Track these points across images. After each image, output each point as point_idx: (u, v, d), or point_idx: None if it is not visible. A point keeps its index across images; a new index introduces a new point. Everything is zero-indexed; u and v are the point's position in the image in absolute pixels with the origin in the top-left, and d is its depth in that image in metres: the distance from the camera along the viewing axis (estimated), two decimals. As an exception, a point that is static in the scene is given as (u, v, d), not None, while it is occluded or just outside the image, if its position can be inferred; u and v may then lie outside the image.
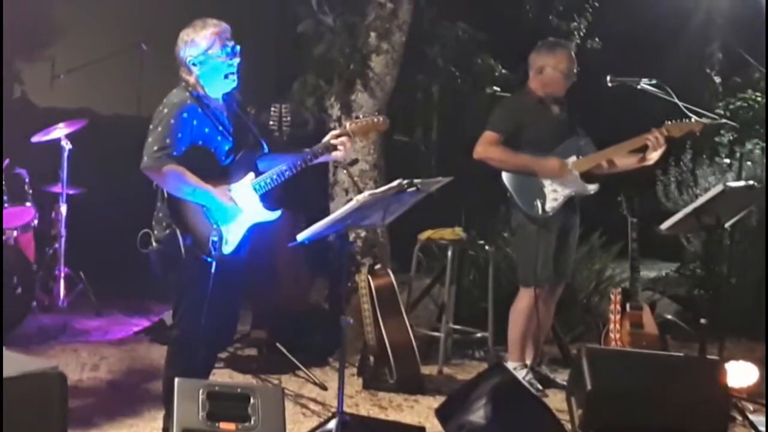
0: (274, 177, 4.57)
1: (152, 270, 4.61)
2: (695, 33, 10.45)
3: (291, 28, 7.48)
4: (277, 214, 4.64)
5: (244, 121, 4.70)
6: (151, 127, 4.40)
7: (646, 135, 5.73)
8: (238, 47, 4.51)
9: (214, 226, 4.41)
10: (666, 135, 5.70)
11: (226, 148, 4.52)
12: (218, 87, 4.53)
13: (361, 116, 4.97)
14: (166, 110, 4.40)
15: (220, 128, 4.50)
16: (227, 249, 4.46)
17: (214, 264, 4.33)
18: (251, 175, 4.57)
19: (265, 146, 4.66)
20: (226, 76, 4.49)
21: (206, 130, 4.44)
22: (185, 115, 4.37)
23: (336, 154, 4.74)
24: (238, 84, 4.57)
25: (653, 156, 5.78)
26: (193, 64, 4.45)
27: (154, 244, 4.50)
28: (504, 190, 5.94)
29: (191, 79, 4.48)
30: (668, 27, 10.28)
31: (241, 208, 4.50)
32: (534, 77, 6.01)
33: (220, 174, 4.49)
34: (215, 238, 4.36)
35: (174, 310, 4.76)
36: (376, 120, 4.96)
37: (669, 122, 5.72)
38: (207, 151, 4.46)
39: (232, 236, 4.49)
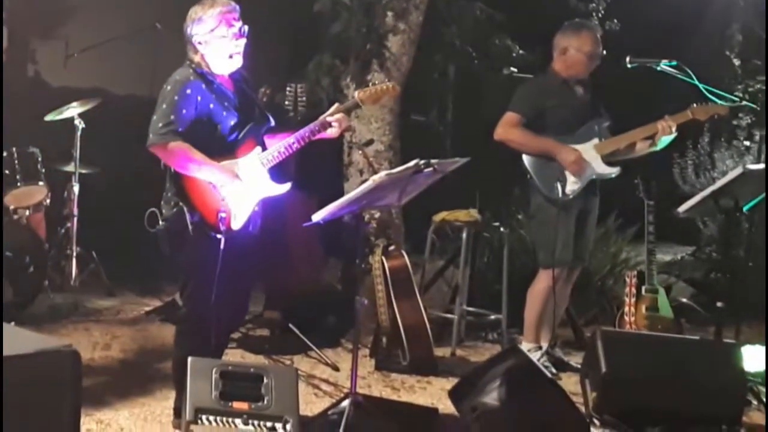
0: (282, 150, 4.56)
1: (161, 249, 4.62)
2: (715, 14, 10.35)
3: (308, 7, 7.43)
4: (286, 187, 4.62)
5: (251, 97, 4.71)
6: (156, 105, 4.42)
7: (658, 122, 5.70)
8: (245, 28, 4.51)
9: (222, 201, 4.39)
10: (692, 117, 5.68)
11: (232, 123, 4.50)
12: (223, 66, 4.52)
13: (370, 84, 4.93)
14: (169, 87, 4.42)
15: (225, 104, 4.50)
16: (236, 224, 4.44)
17: (222, 240, 4.31)
18: (258, 149, 4.56)
19: (271, 120, 4.67)
20: (230, 56, 4.50)
21: (211, 105, 4.44)
22: (189, 91, 4.38)
23: (330, 131, 4.72)
24: (245, 64, 4.57)
25: (660, 142, 5.76)
26: (199, 43, 4.46)
27: (161, 223, 4.50)
28: (519, 172, 5.92)
29: (196, 57, 4.49)
30: (688, 8, 10.17)
31: (247, 182, 4.47)
32: (558, 58, 5.98)
33: (226, 149, 4.48)
34: (223, 215, 4.35)
35: (182, 289, 4.75)
36: (385, 87, 4.91)
37: (695, 105, 5.69)
38: (212, 126, 4.46)
39: (240, 211, 4.46)
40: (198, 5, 4.50)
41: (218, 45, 4.45)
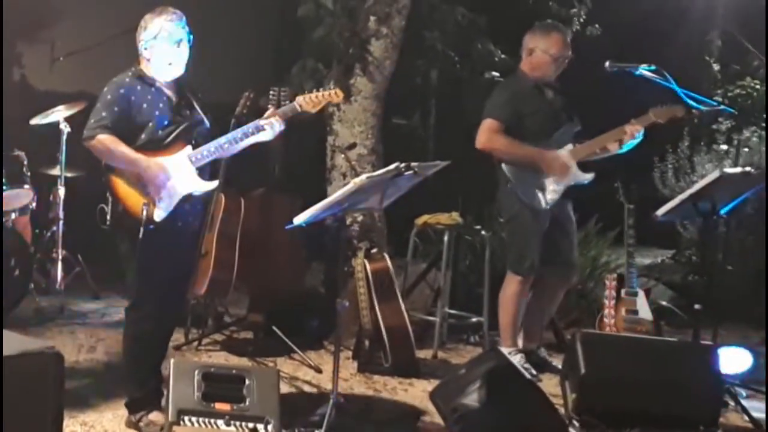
0: (212, 149, 4.73)
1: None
2: (695, 20, 10.42)
3: (291, 12, 7.47)
4: (213, 185, 4.80)
5: (190, 101, 4.84)
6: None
7: (626, 126, 5.76)
8: (189, 37, 4.72)
9: (146, 195, 4.57)
10: (654, 120, 5.75)
11: (164, 123, 4.68)
12: (163, 71, 4.72)
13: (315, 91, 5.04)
14: (106, 89, 4.67)
15: (161, 105, 4.69)
16: (158, 216, 4.59)
17: (142, 231, 4.51)
18: (188, 148, 4.70)
19: (206, 122, 4.81)
20: (170, 63, 4.69)
21: (144, 105, 4.65)
22: (122, 91, 4.62)
23: (263, 135, 4.85)
24: (187, 71, 4.76)
25: (626, 145, 5.81)
26: (145, 48, 4.69)
27: (107, 218, 4.66)
28: (499, 176, 5.92)
29: (140, 63, 4.73)
30: (668, 14, 10.25)
31: (174, 177, 4.62)
32: (525, 59, 6.00)
33: (156, 146, 4.65)
34: (145, 207, 4.54)
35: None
36: (328, 93, 5.03)
37: (657, 107, 5.75)
38: (143, 124, 4.64)
39: (164, 204, 4.60)
40: (149, 14, 4.73)
41: (159, 51, 4.66)
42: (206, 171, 4.75)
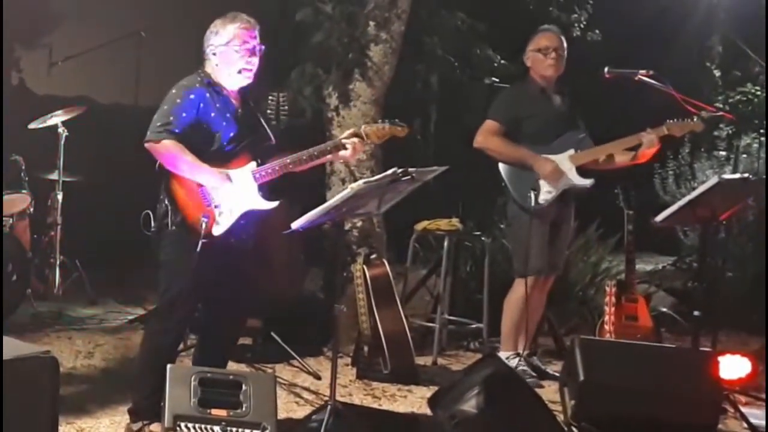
0: (276, 168, 4.62)
1: (154, 249, 4.67)
2: (696, 26, 10.43)
3: (290, 17, 7.46)
4: (272, 204, 4.65)
5: (256, 113, 4.79)
6: (159, 107, 4.54)
7: (641, 134, 5.76)
8: (261, 47, 4.64)
9: (207, 206, 4.47)
10: (666, 134, 5.75)
11: (231, 134, 4.57)
12: (232, 80, 4.63)
13: (379, 122, 4.98)
14: (174, 90, 4.54)
15: (227, 115, 4.58)
16: (217, 231, 4.49)
17: (200, 243, 4.36)
18: (253, 164, 4.61)
19: (272, 138, 4.74)
20: (240, 71, 4.60)
21: (212, 114, 4.53)
22: (192, 96, 4.50)
23: (343, 154, 4.79)
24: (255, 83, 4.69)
25: (647, 154, 5.81)
26: (213, 54, 4.60)
27: (153, 225, 4.56)
28: (500, 180, 5.95)
29: (208, 67, 4.64)
30: (669, 20, 10.26)
31: (236, 192, 4.52)
32: (527, 64, 6.08)
33: (221, 158, 4.54)
34: (205, 219, 4.42)
35: (159, 288, 4.76)
36: (394, 127, 4.94)
37: (670, 121, 5.75)
38: (210, 134, 4.54)
39: (224, 219, 4.51)
40: (219, 18, 4.64)
41: (229, 59, 4.57)
42: (265, 188, 4.64)
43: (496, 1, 9.36)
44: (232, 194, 4.52)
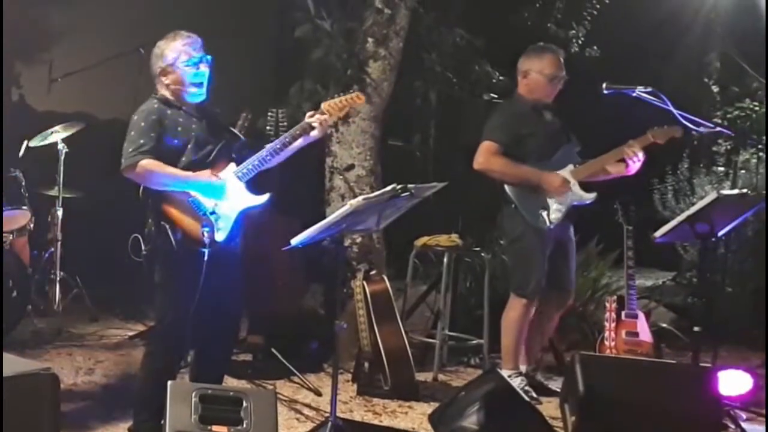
0: (256, 163, 4.72)
1: (149, 274, 4.68)
2: (694, 42, 10.43)
3: (289, 33, 7.48)
4: (265, 197, 4.77)
5: (219, 120, 4.88)
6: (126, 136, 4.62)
7: (624, 147, 5.78)
8: (207, 58, 4.72)
9: (203, 216, 4.54)
10: (652, 141, 5.77)
11: (201, 144, 4.66)
12: (186, 95, 4.72)
13: (335, 96, 5.01)
14: (136, 117, 4.64)
15: (193, 126, 4.68)
16: (220, 237, 4.56)
17: (206, 253, 4.44)
18: (232, 165, 4.71)
19: (241, 137, 4.87)
20: (192, 85, 4.70)
21: (179, 128, 4.64)
22: (154, 116, 4.61)
23: (313, 133, 4.82)
24: (209, 93, 4.78)
25: (633, 167, 5.82)
26: (163, 75, 4.70)
27: (144, 248, 4.60)
28: (501, 198, 5.93)
29: (161, 89, 4.73)
30: (667, 35, 10.27)
31: (227, 195, 4.61)
32: (521, 82, 6.06)
33: (198, 167, 4.63)
34: (207, 228, 4.50)
35: (159, 308, 4.77)
36: (349, 97, 4.96)
37: (655, 128, 5.79)
38: (183, 147, 4.63)
39: (223, 223, 4.59)
40: (162, 40, 4.74)
41: (180, 75, 4.66)
42: (252, 185, 4.74)
43: (494, 17, 9.38)
44: (224, 189, 4.61)
